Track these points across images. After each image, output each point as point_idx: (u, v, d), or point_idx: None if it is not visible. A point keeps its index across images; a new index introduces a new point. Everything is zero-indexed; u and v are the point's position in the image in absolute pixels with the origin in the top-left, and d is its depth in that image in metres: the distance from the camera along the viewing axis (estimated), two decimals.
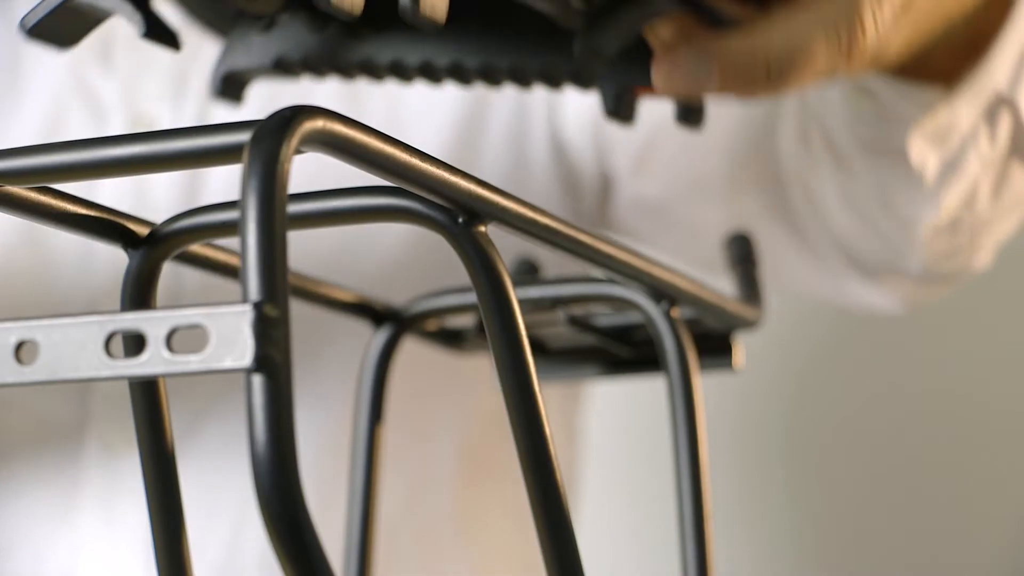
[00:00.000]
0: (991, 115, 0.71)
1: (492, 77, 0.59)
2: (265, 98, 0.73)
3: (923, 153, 0.73)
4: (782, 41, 0.50)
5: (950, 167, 0.74)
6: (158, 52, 0.56)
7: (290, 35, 0.60)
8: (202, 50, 0.71)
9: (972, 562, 1.33)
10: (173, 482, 0.48)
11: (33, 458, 0.79)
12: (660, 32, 0.53)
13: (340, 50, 0.60)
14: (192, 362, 0.35)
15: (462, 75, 0.59)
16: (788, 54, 0.50)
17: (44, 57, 0.81)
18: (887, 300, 0.88)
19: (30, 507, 0.79)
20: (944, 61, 0.69)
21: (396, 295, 0.64)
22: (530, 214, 0.47)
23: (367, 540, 0.60)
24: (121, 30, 0.75)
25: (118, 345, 0.37)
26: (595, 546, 0.99)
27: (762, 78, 0.50)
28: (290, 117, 0.37)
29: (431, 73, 0.60)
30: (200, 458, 0.79)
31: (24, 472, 0.79)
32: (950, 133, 0.72)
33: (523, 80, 0.59)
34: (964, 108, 0.70)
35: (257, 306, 0.35)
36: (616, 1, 0.51)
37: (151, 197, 0.80)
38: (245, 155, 0.36)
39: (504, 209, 0.46)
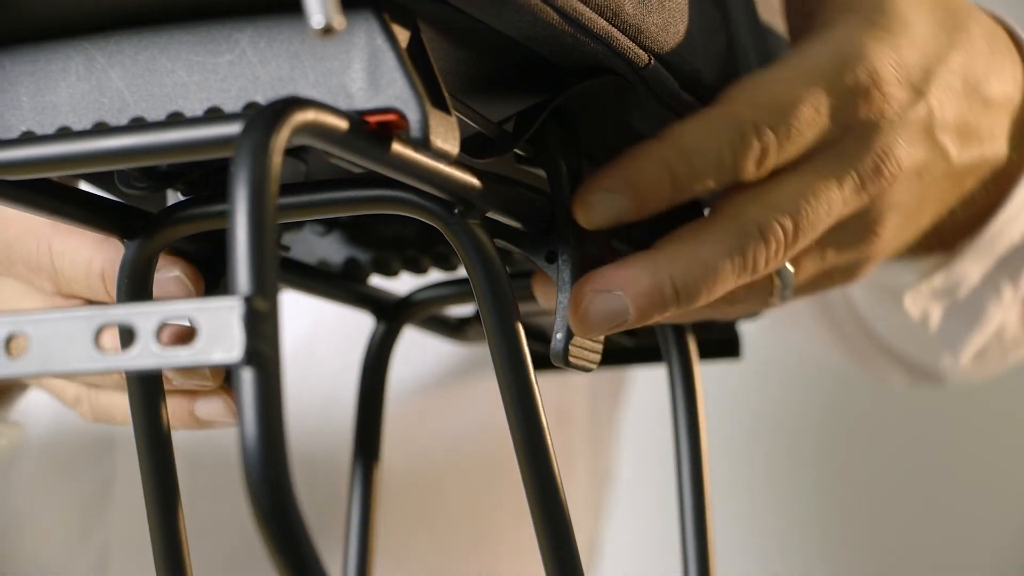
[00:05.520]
0: (1011, 266, 0.70)
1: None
2: None
3: (924, 308, 0.72)
4: (685, 264, 0.49)
5: (967, 317, 0.73)
6: None
7: None
8: None
9: (973, 561, 1.33)
10: (171, 475, 0.48)
11: (65, 451, 0.79)
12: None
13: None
14: (182, 356, 0.35)
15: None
16: (692, 277, 0.49)
17: None
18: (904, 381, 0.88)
19: (62, 501, 0.79)
20: (947, 234, 0.66)
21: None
22: (526, 205, 0.47)
23: (368, 532, 0.60)
24: None
25: (109, 338, 0.37)
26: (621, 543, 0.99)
27: (672, 302, 0.49)
28: (281, 109, 0.37)
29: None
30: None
31: (56, 466, 0.79)
32: (957, 289, 0.70)
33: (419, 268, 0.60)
34: (970, 267, 0.68)
35: (247, 300, 0.34)
36: None
37: None
38: (235, 146, 0.36)
39: (500, 200, 0.46)
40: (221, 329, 0.34)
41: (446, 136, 0.41)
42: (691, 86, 0.50)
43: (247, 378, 0.34)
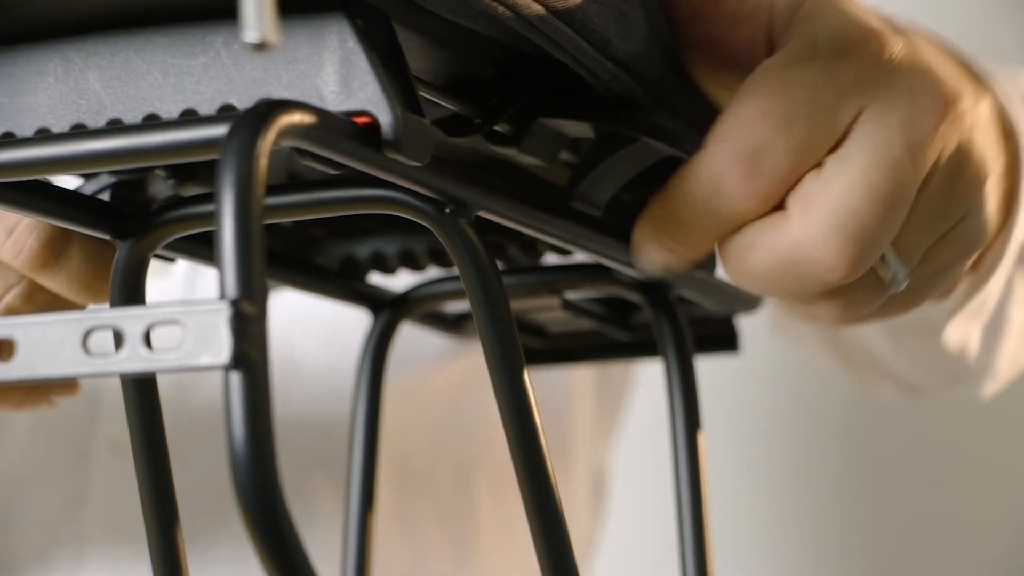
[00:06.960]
0: (1020, 259, 0.67)
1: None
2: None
3: (963, 337, 0.70)
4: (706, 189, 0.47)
5: (994, 329, 0.70)
6: None
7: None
8: None
9: (973, 562, 1.33)
10: (167, 476, 0.48)
11: (41, 454, 0.79)
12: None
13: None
14: (169, 359, 0.35)
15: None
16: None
17: None
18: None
19: (37, 503, 0.79)
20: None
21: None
22: (518, 204, 0.47)
23: (367, 530, 0.60)
24: None
25: (99, 342, 0.37)
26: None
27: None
28: (267, 111, 0.37)
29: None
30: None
31: (32, 468, 0.79)
32: (983, 307, 0.68)
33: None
34: (994, 283, 0.64)
35: (234, 303, 0.34)
36: (600, 152, 0.49)
37: None
38: (221, 149, 0.36)
39: (492, 199, 0.46)
40: (208, 332, 0.34)
41: (418, 139, 0.41)
42: (659, 96, 0.49)
43: (235, 382, 0.34)
